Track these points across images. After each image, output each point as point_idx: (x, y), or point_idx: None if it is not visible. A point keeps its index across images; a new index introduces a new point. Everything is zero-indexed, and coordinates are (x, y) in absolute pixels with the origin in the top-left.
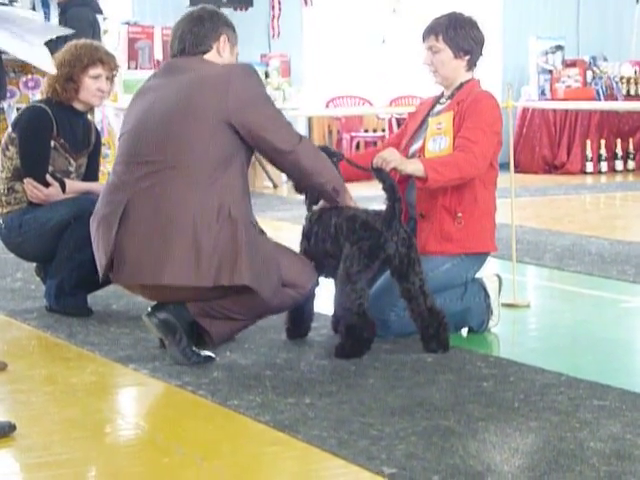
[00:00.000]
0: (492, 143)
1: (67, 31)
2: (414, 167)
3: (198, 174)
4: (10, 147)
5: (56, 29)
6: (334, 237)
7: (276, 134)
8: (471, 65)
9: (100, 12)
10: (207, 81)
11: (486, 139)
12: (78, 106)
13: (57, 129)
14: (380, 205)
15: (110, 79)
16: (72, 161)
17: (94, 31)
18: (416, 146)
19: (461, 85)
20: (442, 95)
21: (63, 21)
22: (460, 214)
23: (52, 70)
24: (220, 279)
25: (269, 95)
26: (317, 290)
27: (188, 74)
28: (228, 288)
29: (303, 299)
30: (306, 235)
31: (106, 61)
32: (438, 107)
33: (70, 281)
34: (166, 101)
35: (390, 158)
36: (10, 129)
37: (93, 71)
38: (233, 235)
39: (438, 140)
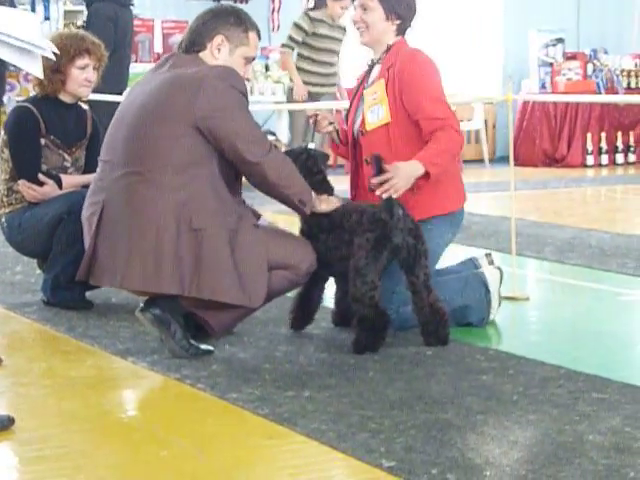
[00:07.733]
0: (449, 106)
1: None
2: (417, 172)
3: (162, 179)
4: (5, 150)
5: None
6: (348, 241)
7: (243, 144)
8: (401, 31)
9: (130, 4)
10: (180, 82)
11: (447, 107)
12: (65, 98)
13: (45, 126)
14: None
15: (97, 69)
16: (67, 156)
17: (116, 26)
18: (359, 121)
19: (389, 48)
20: (372, 62)
21: (88, 16)
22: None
23: (40, 75)
24: (184, 289)
25: (244, 102)
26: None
27: (170, 72)
28: None
29: (301, 280)
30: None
31: (93, 51)
32: (371, 76)
33: (65, 276)
34: (140, 100)
35: (399, 185)
36: (3, 131)
37: (80, 61)
38: (194, 247)
39: (375, 110)
